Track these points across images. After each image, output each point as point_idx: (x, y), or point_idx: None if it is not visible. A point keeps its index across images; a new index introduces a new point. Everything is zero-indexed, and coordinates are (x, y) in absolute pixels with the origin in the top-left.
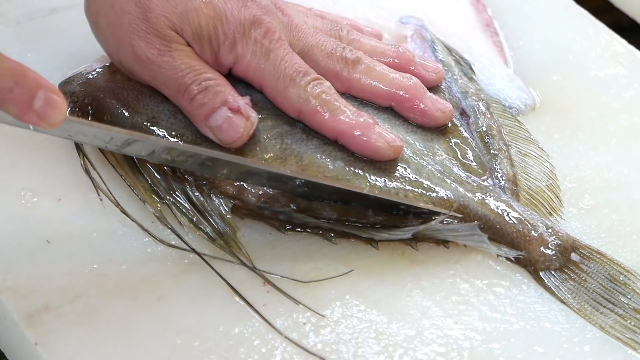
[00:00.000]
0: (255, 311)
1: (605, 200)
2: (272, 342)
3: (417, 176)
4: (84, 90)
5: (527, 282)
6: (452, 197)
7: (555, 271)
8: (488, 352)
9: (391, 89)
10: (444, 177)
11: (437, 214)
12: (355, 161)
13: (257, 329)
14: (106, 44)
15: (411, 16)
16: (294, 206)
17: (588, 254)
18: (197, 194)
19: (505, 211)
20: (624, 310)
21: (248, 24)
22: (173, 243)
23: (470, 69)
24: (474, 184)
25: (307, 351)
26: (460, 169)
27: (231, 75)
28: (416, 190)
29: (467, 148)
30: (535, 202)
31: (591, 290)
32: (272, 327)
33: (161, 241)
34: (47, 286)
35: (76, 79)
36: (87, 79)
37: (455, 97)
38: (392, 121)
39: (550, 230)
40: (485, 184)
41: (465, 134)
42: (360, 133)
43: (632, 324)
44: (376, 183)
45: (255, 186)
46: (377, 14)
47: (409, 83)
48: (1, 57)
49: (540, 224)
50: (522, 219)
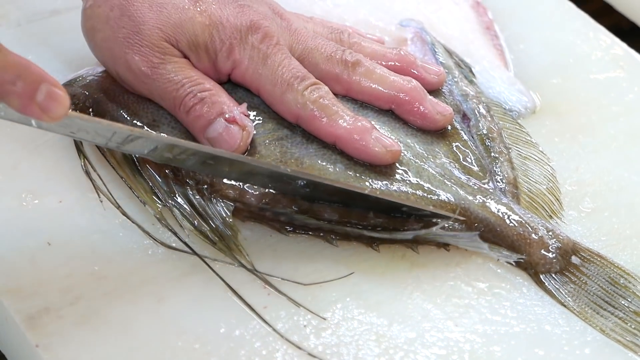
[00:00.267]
0: (255, 314)
1: (606, 203)
2: (272, 344)
3: (418, 179)
4: (85, 93)
5: (527, 285)
6: (453, 200)
7: (555, 274)
8: (488, 354)
9: (391, 92)
10: (445, 180)
11: (439, 216)
12: (356, 165)
13: (257, 331)
14: (103, 59)
15: (411, 19)
16: (296, 207)
17: (588, 257)
18: (197, 197)
19: (505, 214)
20: (624, 313)
21: (245, 29)
22: (174, 245)
23: (471, 71)
24: (475, 187)
25: (308, 353)
26: (461, 172)
27: (231, 81)
28: (416, 193)
29: (468, 151)
30: (536, 205)
31: (592, 293)
32: (273, 329)
33: (162, 243)
34: (47, 288)
35: (78, 81)
36: (89, 81)
37: (456, 99)
38: (392, 124)
39: (550, 233)
40: (486, 186)
41: (466, 137)
42: (358, 138)
43: (633, 326)
44: (376, 186)
45: (256, 188)
46: (378, 17)
47: (409, 86)
48: (5, 51)
49: (541, 227)
50: (523, 221)
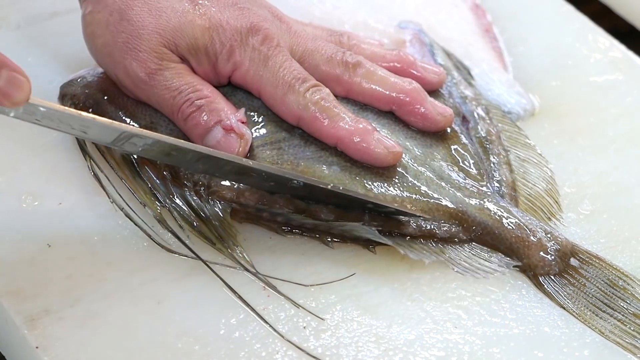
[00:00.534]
0: (257, 315)
1: (604, 205)
2: (272, 345)
3: (415, 182)
4: (85, 93)
5: (526, 287)
6: (451, 203)
7: (554, 276)
8: (488, 356)
9: (392, 93)
10: (443, 183)
11: (405, 214)
12: (352, 167)
13: (257, 332)
14: (104, 64)
15: (409, 21)
16: (292, 208)
17: (587, 259)
18: (195, 198)
19: (504, 217)
20: (623, 315)
21: (245, 31)
22: (173, 248)
23: (469, 74)
24: (473, 190)
25: (308, 354)
26: (459, 174)
27: (231, 84)
28: (414, 196)
29: (466, 154)
30: (535, 208)
31: (590, 295)
32: (274, 330)
33: (162, 246)
34: (47, 290)
35: (77, 81)
36: (89, 81)
37: (456, 101)
38: (391, 127)
39: (549, 236)
40: (484, 189)
41: (465, 139)
42: (360, 139)
43: (632, 328)
44: (373, 189)
45: (253, 189)
46: (377, 19)
47: (409, 87)
48: None
49: (540, 230)
50: (521, 224)
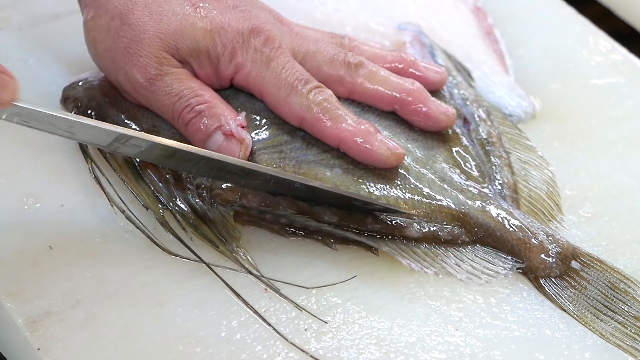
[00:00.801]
0: (260, 317)
1: (605, 208)
2: (273, 348)
3: (418, 183)
4: (87, 96)
5: (527, 290)
6: (452, 205)
7: (555, 278)
8: (489, 358)
9: (394, 93)
10: (444, 185)
11: (393, 211)
12: (354, 170)
13: (259, 335)
14: (106, 70)
15: (409, 22)
16: (295, 209)
17: (588, 262)
18: (198, 201)
19: (505, 219)
20: (624, 318)
21: (247, 33)
22: (174, 250)
23: (469, 75)
24: (475, 192)
25: (310, 356)
26: (461, 176)
27: (232, 86)
28: (415, 198)
29: (468, 156)
30: (536, 210)
31: (591, 298)
32: (277, 333)
33: (164, 249)
34: (49, 292)
35: (80, 85)
36: (91, 85)
37: (457, 103)
38: (393, 128)
39: (550, 238)
40: (486, 191)
41: (466, 141)
42: (363, 140)
43: (633, 331)
44: (375, 191)
45: (255, 191)
46: (378, 21)
47: (412, 87)
48: None
49: (541, 232)
50: (523, 226)
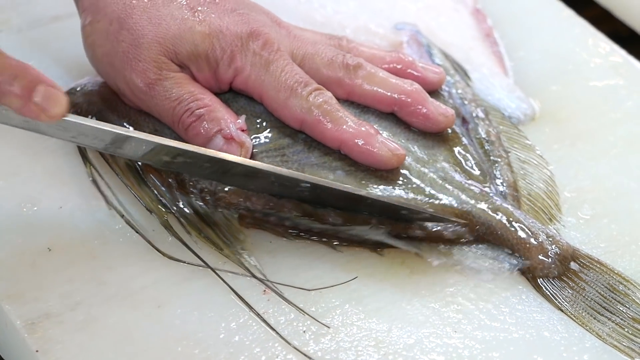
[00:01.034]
0: (261, 319)
1: (605, 210)
2: (272, 349)
3: (420, 183)
4: (87, 101)
5: (526, 292)
6: (455, 204)
7: (553, 279)
8: None
9: (393, 94)
10: (446, 184)
11: (439, 220)
12: (356, 172)
13: (257, 336)
14: (105, 75)
15: (406, 22)
16: (300, 211)
17: (587, 263)
18: (201, 204)
19: (506, 218)
20: (622, 319)
21: (245, 36)
22: (177, 255)
23: (466, 75)
24: (476, 191)
25: (309, 358)
26: (462, 175)
27: (232, 90)
28: (418, 197)
29: (468, 155)
30: (535, 209)
31: (589, 299)
32: (277, 334)
33: (164, 254)
34: (48, 294)
35: (79, 90)
36: (91, 90)
37: (455, 102)
38: (393, 129)
39: (550, 239)
40: (487, 190)
41: (466, 141)
42: (364, 142)
43: (630, 332)
44: (378, 191)
45: (259, 194)
46: (378, 23)
47: (410, 88)
48: (3, 54)
49: (541, 233)
50: (523, 226)
